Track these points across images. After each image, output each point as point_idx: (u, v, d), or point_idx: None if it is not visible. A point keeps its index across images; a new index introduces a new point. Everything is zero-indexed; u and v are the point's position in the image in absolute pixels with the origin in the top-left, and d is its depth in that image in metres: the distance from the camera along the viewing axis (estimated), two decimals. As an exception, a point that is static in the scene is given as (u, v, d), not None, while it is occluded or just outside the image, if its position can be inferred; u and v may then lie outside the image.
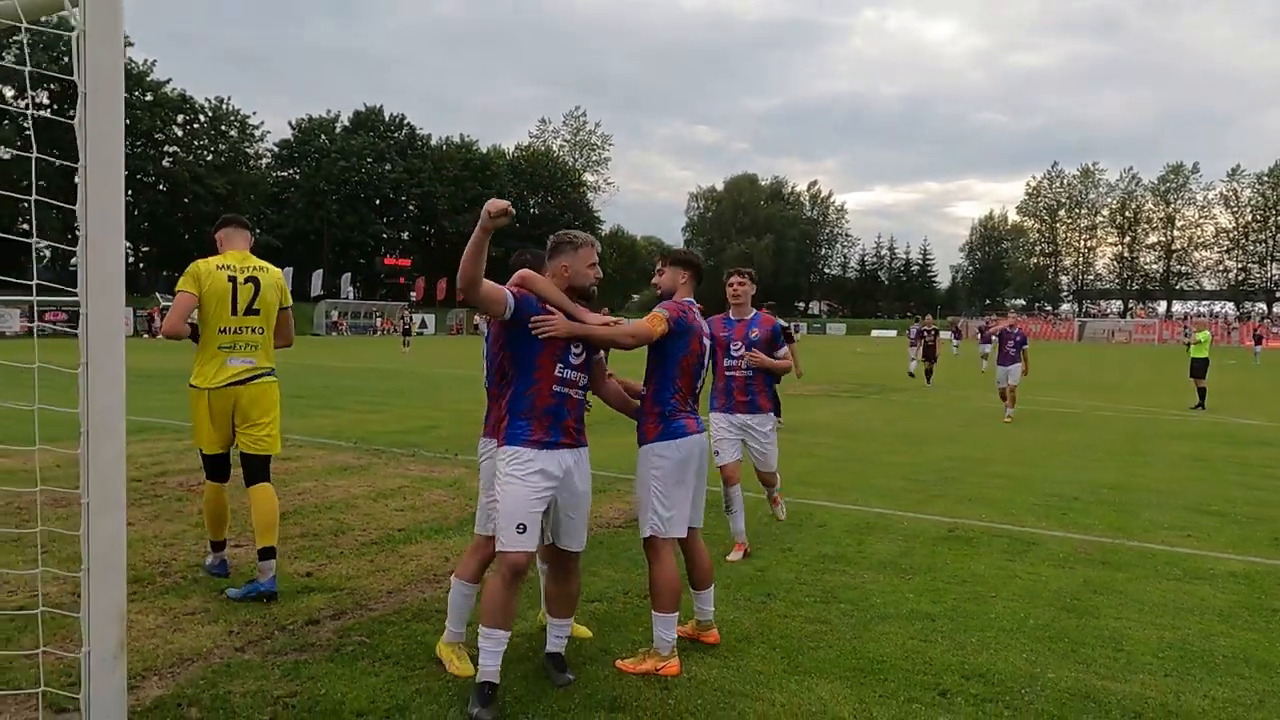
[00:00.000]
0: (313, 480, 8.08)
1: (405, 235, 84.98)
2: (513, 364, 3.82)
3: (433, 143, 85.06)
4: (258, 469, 5.06)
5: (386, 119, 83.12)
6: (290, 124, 79.81)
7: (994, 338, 16.06)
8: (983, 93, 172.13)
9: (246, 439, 5.03)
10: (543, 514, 3.72)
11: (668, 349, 4.14)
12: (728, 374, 6.02)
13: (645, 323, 4.03)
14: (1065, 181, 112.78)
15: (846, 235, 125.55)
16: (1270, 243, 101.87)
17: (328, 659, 4.09)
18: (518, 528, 3.61)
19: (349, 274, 72.20)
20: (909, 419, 15.08)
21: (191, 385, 5.04)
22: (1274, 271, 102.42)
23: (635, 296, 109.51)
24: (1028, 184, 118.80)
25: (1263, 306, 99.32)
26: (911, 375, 24.63)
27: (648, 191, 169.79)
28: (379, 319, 67.34)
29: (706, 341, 4.34)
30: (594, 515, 5.74)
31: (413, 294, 72.25)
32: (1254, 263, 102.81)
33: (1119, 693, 3.90)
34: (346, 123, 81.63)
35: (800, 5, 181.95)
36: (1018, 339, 15.12)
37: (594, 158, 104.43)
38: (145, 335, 45.02)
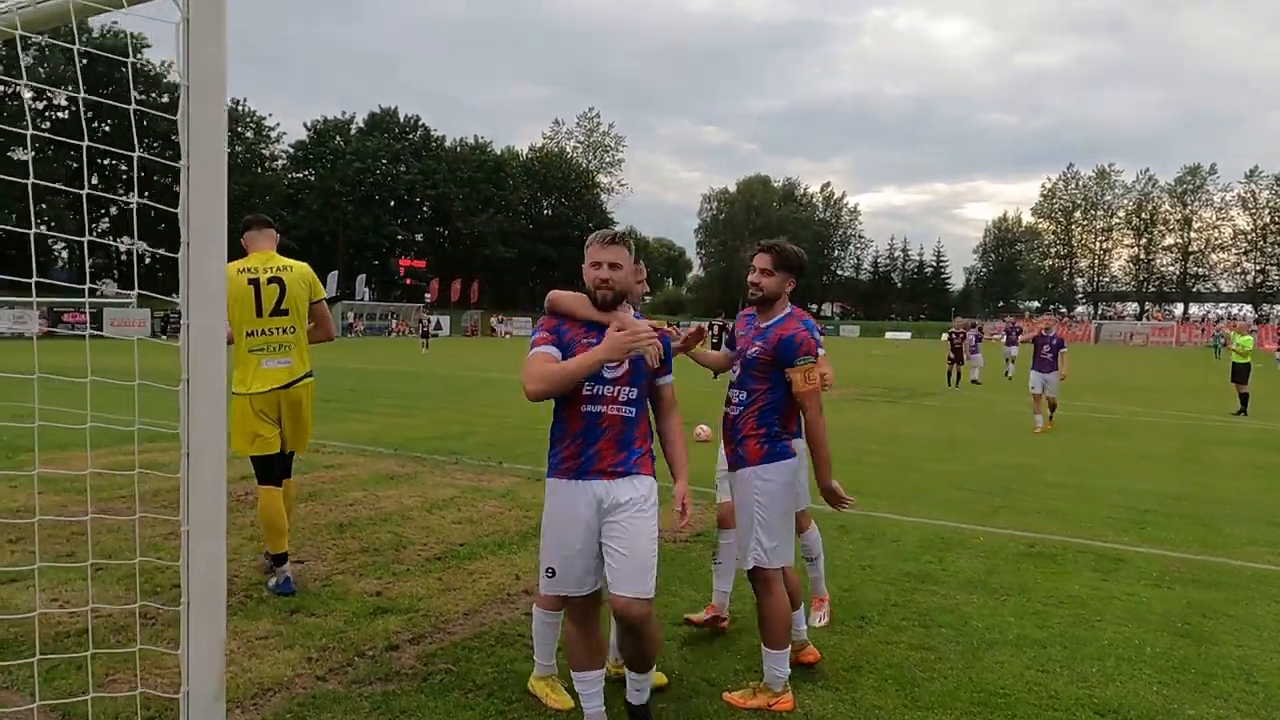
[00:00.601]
0: (361, 490, 7.85)
1: (420, 237, 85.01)
2: None
3: (447, 144, 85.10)
4: (287, 469, 5.32)
5: (401, 120, 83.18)
6: (305, 125, 79.97)
7: (1029, 342, 15.19)
8: (990, 93, 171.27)
9: (295, 437, 5.22)
10: (584, 555, 3.25)
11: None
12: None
13: (812, 382, 3.78)
14: (1081, 183, 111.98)
15: (860, 237, 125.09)
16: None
17: (416, 690, 3.85)
18: (546, 571, 3.34)
19: (364, 275, 72.22)
20: (949, 425, 14.77)
21: (234, 392, 4.94)
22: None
23: (647, 298, 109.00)
24: (1043, 185, 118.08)
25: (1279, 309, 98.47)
26: (975, 380, 24.11)
27: (655, 192, 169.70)
28: (394, 320, 67.28)
29: None
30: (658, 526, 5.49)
31: (427, 295, 72.21)
32: (1272, 265, 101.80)
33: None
34: (361, 124, 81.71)
35: (807, 5, 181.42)
36: (1054, 343, 14.06)
37: (607, 159, 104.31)
38: (163, 337, 45.03)
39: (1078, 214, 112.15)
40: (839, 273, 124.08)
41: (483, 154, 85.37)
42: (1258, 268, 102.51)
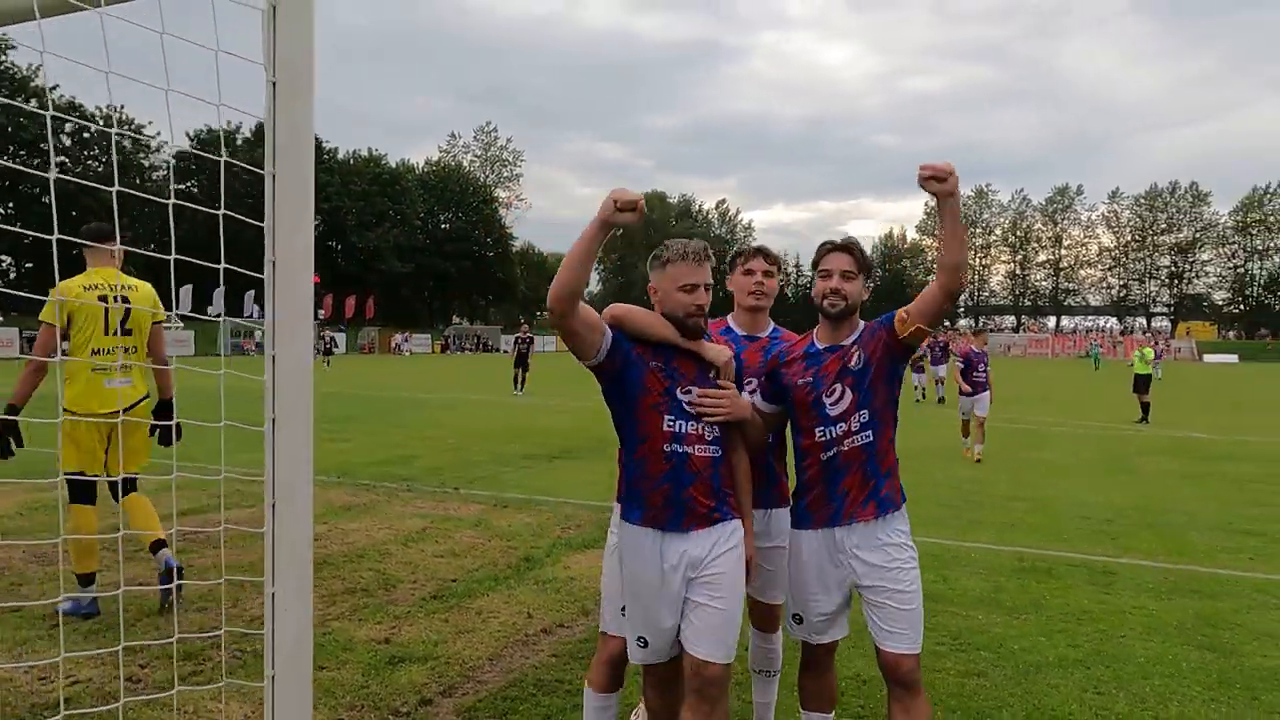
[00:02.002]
0: (322, 523, 7.33)
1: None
2: (616, 420, 2.91)
3: (340, 156, 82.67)
4: (130, 485, 5.11)
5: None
6: (189, 135, 76.32)
7: (959, 362, 13.40)
8: (879, 115, 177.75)
9: (127, 457, 5.04)
10: (674, 615, 2.78)
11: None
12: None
13: None
14: (961, 202, 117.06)
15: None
16: (1148, 261, 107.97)
17: (472, 750, 3.51)
18: (639, 641, 2.83)
19: (252, 292, 69.26)
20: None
21: (69, 410, 4.74)
22: (1151, 289, 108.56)
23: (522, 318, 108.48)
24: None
25: (1142, 321, 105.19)
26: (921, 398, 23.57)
27: (552, 208, 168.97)
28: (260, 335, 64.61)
29: None
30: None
31: (320, 311, 69.81)
32: (1134, 280, 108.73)
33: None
34: (249, 134, 78.53)
35: (703, 26, 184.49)
36: (985, 361, 12.86)
37: (505, 174, 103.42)
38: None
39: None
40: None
41: (377, 166, 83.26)
42: (1121, 283, 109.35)
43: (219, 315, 4.67)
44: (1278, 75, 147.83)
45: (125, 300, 5.01)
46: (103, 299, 4.90)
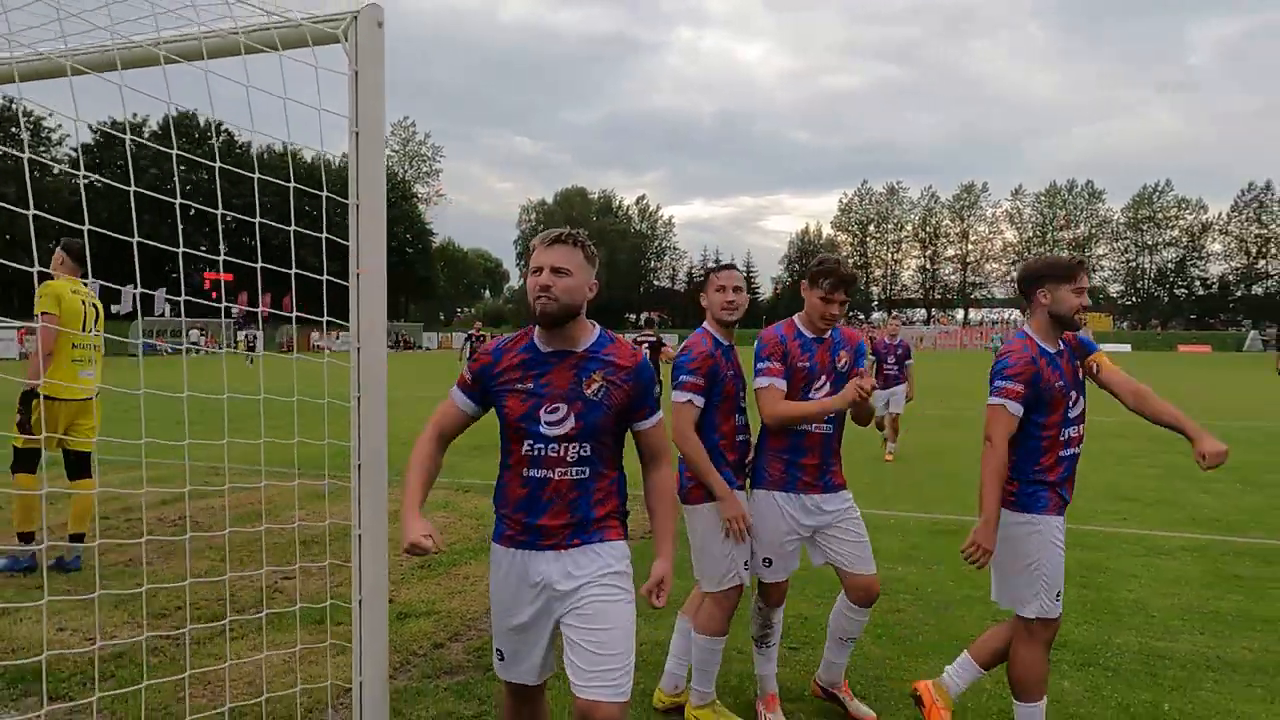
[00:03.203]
0: (301, 510, 7.83)
1: (225, 248, 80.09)
2: None
3: (253, 150, 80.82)
4: (84, 464, 6.02)
5: (202, 124, 78.29)
6: (91, 127, 73.49)
7: (873, 353, 12.22)
8: (795, 112, 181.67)
9: (78, 440, 5.88)
10: (535, 640, 2.72)
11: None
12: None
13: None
14: (874, 198, 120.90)
15: (675, 248, 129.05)
16: (1049, 255, 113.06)
17: (485, 679, 4.19)
18: (496, 653, 2.84)
19: (163, 290, 67.35)
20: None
21: (46, 396, 5.57)
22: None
23: (651, 315, 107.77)
24: (840, 200, 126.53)
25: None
26: None
27: (470, 203, 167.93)
28: (203, 337, 63.22)
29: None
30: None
31: (235, 308, 68.19)
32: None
33: (1178, 651, 4.63)
34: (156, 127, 76.23)
35: (618, 21, 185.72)
36: (900, 352, 11.97)
37: (424, 169, 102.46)
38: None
39: (871, 227, 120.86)
40: (656, 283, 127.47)
41: (293, 162, 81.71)
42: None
43: (132, 312, 5.25)
44: (1167, 78, 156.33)
45: (95, 306, 6.02)
46: (84, 302, 5.87)
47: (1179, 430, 3.27)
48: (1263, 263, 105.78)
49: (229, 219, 3.81)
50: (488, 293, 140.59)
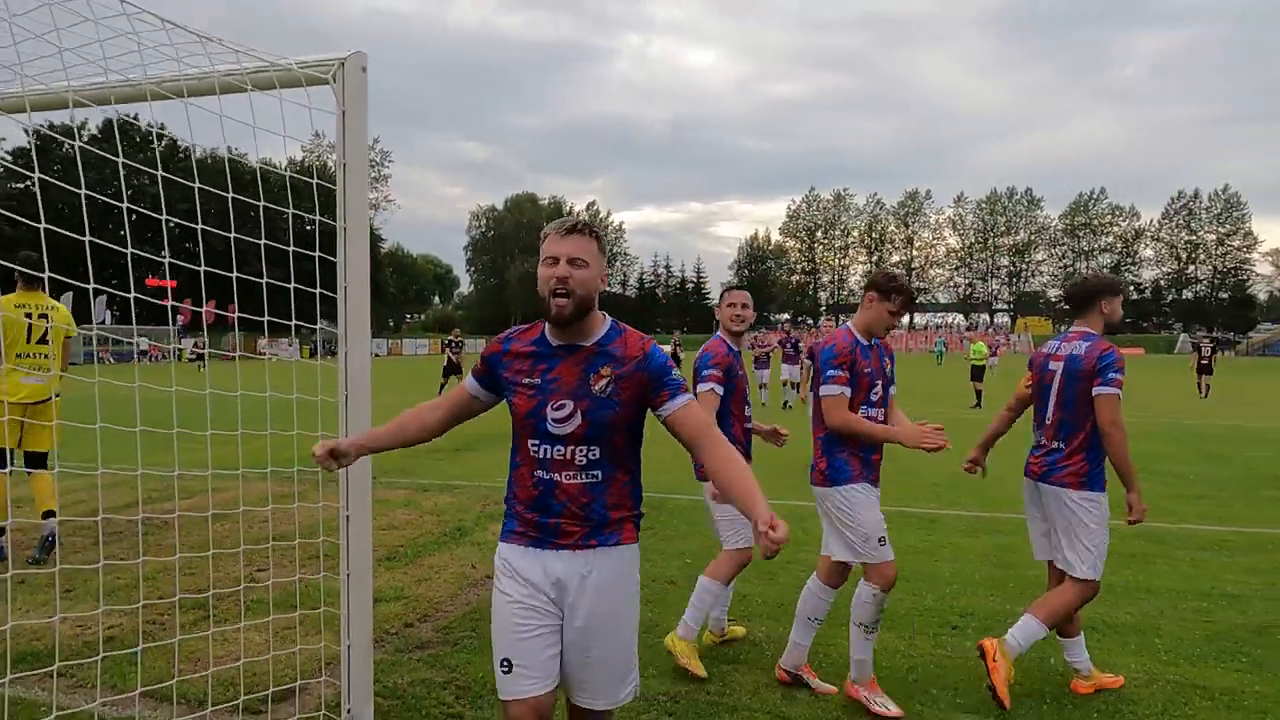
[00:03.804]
0: (269, 506, 8.16)
1: (168, 255, 78.76)
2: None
3: (197, 155, 79.61)
4: (40, 460, 6.59)
5: (144, 127, 76.88)
6: (25, 130, 71.88)
7: (809, 358, 12.85)
8: (743, 119, 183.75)
9: (34, 439, 6.52)
10: (545, 641, 2.52)
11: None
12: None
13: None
14: (821, 205, 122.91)
15: (625, 254, 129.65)
16: (990, 261, 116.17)
17: (456, 650, 4.63)
18: (502, 665, 2.51)
19: (104, 297, 66.02)
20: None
21: None
22: (993, 286, 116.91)
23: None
24: (788, 207, 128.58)
25: (986, 318, 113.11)
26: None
27: (418, 208, 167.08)
28: (148, 344, 62.12)
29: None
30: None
31: (179, 317, 67.22)
32: (978, 279, 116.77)
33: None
34: (95, 130, 74.74)
35: (566, 27, 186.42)
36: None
37: (372, 174, 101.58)
38: None
39: (819, 233, 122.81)
40: (607, 289, 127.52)
41: (238, 166, 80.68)
42: (966, 281, 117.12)
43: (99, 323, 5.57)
44: (1102, 88, 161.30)
45: (46, 318, 6.54)
46: (28, 315, 6.45)
47: None
48: (1192, 268, 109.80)
49: (172, 225, 4.19)
50: (437, 299, 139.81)
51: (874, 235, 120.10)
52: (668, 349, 28.26)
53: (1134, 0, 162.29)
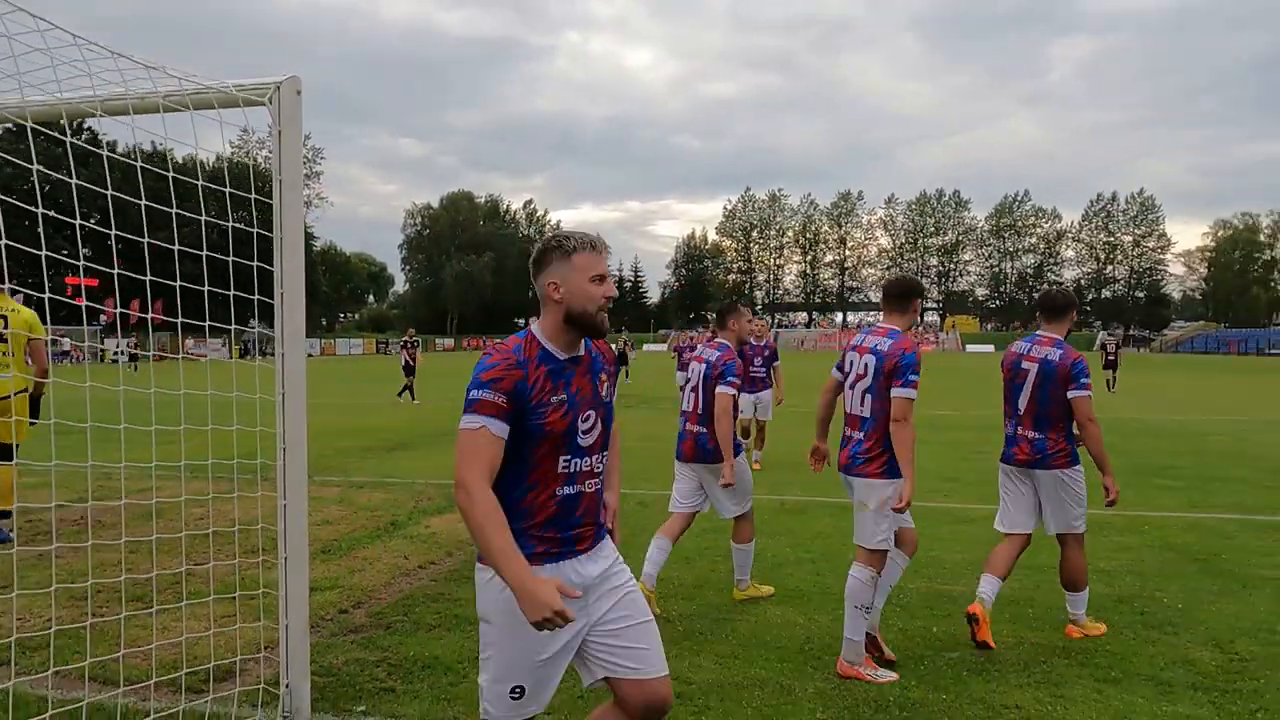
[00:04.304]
0: (200, 508, 8.30)
1: (89, 252, 76.44)
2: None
3: (119, 150, 77.37)
4: (4, 453, 6.70)
5: (62, 121, 74.37)
6: (-64, 123, 69.06)
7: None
8: (681, 117, 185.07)
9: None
10: (563, 656, 2.53)
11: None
12: None
13: None
14: (756, 205, 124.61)
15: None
16: (920, 261, 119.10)
17: (389, 633, 4.93)
18: (513, 692, 2.49)
19: (20, 295, 63.74)
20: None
21: None
22: (924, 285, 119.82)
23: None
24: (724, 206, 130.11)
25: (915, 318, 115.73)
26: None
27: (351, 205, 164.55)
28: (68, 343, 60.17)
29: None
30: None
31: (102, 316, 65.22)
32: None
33: (955, 592, 5.74)
34: (10, 124, 72.02)
35: (504, 23, 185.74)
36: (767, 354, 11.55)
37: (304, 171, 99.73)
38: None
39: (755, 233, 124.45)
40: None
41: (162, 163, 78.51)
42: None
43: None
44: (1027, 92, 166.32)
45: (4, 319, 6.75)
46: None
47: None
48: (1110, 268, 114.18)
49: (95, 222, 4.40)
50: (372, 298, 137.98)
51: (808, 235, 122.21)
52: (615, 348, 28.93)
53: (1058, 7, 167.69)
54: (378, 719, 3.89)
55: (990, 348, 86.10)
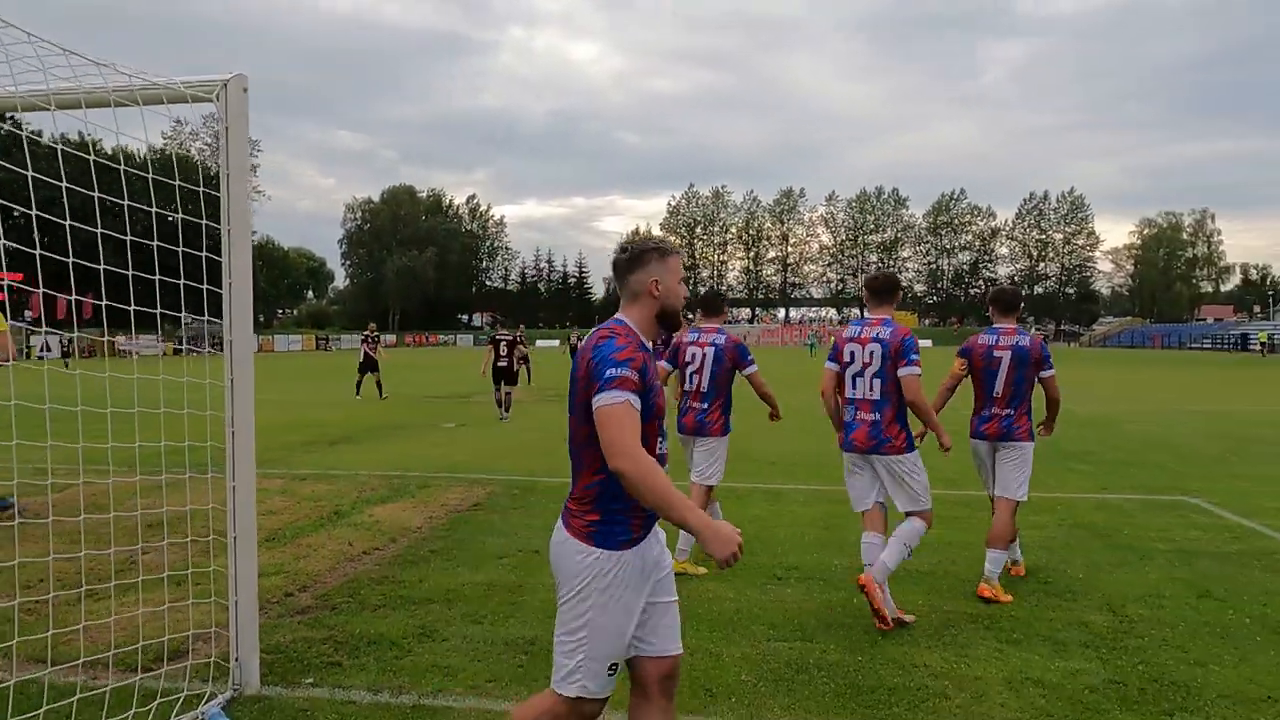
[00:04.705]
0: (145, 498, 8.30)
1: (13, 245, 73.82)
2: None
3: (44, 141, 74.85)
4: None
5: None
6: None
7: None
8: (625, 113, 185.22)
9: None
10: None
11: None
12: None
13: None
14: (700, 201, 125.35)
15: (507, 248, 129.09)
16: (860, 258, 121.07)
17: (335, 614, 5.10)
18: (610, 669, 2.67)
19: (-58, 290, 61.39)
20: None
21: None
22: (863, 281, 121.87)
23: (495, 315, 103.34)
24: (669, 202, 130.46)
25: (857, 312, 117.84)
26: None
27: (289, 199, 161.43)
28: (-10, 342, 58.09)
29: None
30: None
31: (27, 312, 63.20)
32: (849, 274, 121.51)
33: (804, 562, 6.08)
34: (-71, 112, 69.27)
35: (448, 17, 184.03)
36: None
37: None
38: None
39: (699, 229, 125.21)
40: (489, 283, 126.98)
41: (91, 154, 76.25)
42: (839, 277, 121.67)
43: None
44: (964, 94, 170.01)
45: None
46: None
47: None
48: (1042, 265, 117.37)
49: (18, 216, 4.49)
50: (311, 293, 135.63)
51: (751, 232, 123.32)
52: (563, 344, 27.54)
53: (995, 10, 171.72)
54: (325, 690, 4.06)
55: (929, 342, 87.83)
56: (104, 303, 3.77)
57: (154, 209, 3.74)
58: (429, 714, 3.80)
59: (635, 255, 2.77)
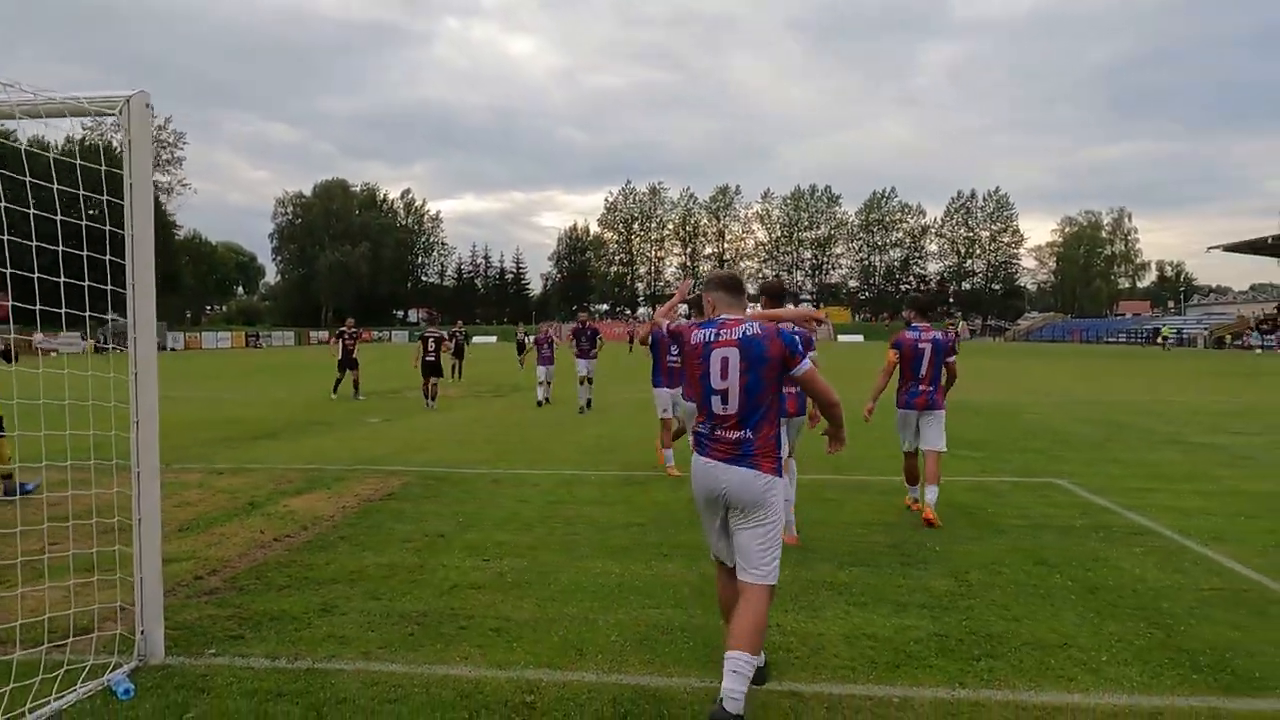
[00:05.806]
0: (76, 490, 8.44)
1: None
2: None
3: (-43, 131, 72.05)
4: None
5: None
6: None
7: (643, 342, 14.50)
8: (565, 109, 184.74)
9: None
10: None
11: None
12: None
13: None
14: (637, 198, 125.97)
15: (443, 244, 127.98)
16: (795, 254, 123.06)
17: (241, 594, 5.42)
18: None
19: None
20: (550, 412, 17.71)
21: None
22: (798, 278, 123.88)
23: (433, 311, 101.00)
24: (606, 198, 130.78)
25: (791, 306, 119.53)
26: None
27: (218, 192, 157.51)
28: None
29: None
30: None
31: (-60, 309, 60.85)
32: (784, 270, 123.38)
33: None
34: None
35: (383, 7, 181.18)
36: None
37: (164, 156, 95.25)
38: None
39: (636, 225, 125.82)
40: (425, 278, 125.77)
41: (3, 144, 73.69)
42: (774, 273, 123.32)
43: None
44: (897, 95, 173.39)
45: None
46: None
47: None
48: (970, 262, 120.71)
49: None
50: (241, 289, 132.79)
51: (688, 228, 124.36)
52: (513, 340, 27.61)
53: (928, 13, 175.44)
54: (226, 658, 4.41)
55: (860, 337, 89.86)
56: (9, 303, 4.03)
57: (59, 216, 4.01)
58: (321, 676, 4.18)
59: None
